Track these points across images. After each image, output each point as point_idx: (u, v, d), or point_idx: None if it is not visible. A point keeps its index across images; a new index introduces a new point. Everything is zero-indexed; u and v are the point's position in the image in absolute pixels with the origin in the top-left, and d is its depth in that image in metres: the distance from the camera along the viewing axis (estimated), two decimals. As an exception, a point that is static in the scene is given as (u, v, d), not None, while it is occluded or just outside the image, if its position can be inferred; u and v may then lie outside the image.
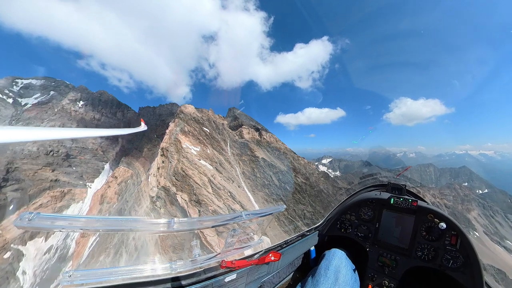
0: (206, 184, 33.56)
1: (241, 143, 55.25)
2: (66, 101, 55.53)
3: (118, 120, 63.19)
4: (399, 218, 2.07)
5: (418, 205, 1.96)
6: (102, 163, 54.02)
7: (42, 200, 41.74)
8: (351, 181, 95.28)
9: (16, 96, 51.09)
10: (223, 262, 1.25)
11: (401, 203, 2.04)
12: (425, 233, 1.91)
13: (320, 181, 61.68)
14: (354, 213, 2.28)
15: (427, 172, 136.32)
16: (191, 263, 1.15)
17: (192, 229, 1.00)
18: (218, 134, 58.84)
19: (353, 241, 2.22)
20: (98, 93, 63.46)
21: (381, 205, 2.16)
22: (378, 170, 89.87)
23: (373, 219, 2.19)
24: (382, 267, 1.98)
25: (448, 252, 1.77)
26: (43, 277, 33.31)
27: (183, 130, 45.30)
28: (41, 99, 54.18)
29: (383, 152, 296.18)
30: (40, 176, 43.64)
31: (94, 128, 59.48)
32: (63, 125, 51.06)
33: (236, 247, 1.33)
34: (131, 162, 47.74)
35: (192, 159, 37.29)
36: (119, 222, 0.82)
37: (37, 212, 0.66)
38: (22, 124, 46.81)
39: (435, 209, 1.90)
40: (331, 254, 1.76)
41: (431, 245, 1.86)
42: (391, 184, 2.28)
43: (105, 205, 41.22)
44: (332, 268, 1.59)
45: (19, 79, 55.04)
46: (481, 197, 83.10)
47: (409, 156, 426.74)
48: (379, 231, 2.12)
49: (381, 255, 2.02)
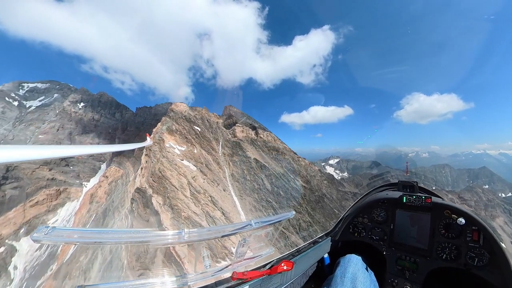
0: (184, 187, 31.92)
1: (233, 142, 53.23)
2: (67, 102, 57.85)
3: (116, 121, 64.66)
4: (414, 217, 1.99)
5: (432, 202, 1.89)
6: (99, 163, 55.33)
7: (38, 198, 43.47)
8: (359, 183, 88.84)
9: (21, 99, 54.32)
10: (235, 274, 1.18)
11: (414, 201, 1.97)
12: (444, 231, 1.82)
13: (323, 185, 56.90)
14: (366, 216, 2.22)
15: (442, 173, 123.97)
16: (201, 276, 1.12)
17: (203, 240, 1.00)
18: (210, 133, 57.50)
19: (368, 245, 2.15)
20: (98, 95, 65.56)
21: (394, 204, 2.10)
22: (387, 170, 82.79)
23: (386, 220, 2.13)
24: (402, 270, 1.88)
25: (472, 249, 1.68)
26: (31, 273, 34.36)
27: (170, 129, 44.40)
28: (44, 101, 57.10)
29: (394, 152, 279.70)
30: (38, 175, 45.53)
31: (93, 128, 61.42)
32: (62, 126, 52.91)
33: (247, 257, 1.30)
34: (123, 161, 47.98)
35: (173, 159, 35.98)
36: (131, 235, 0.85)
37: (53, 227, 0.69)
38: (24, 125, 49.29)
39: (451, 204, 1.82)
40: (346, 261, 1.68)
41: (452, 243, 1.77)
42: (402, 182, 2.22)
43: (94, 204, 41.72)
44: (348, 276, 1.51)
45: (25, 83, 58.69)
46: (506, 202, 72.76)
47: (421, 156, 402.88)
48: (395, 232, 2.04)
49: (400, 258, 1.94)
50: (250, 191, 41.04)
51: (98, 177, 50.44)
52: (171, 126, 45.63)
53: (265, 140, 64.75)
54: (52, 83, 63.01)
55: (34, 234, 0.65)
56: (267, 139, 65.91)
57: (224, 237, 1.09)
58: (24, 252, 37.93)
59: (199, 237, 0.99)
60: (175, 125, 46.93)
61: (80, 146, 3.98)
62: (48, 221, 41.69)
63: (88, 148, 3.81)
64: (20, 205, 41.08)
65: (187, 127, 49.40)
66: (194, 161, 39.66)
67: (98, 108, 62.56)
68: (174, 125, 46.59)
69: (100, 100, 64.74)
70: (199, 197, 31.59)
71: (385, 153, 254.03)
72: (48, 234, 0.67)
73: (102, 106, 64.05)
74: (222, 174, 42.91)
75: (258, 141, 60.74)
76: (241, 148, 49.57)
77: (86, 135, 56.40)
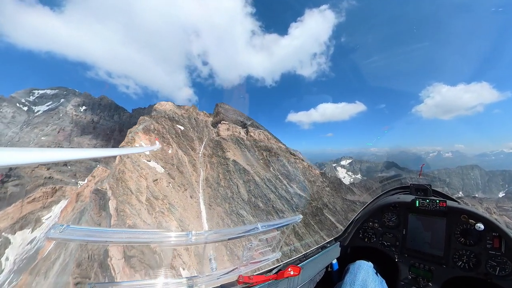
0: (142, 191, 30.13)
1: (216, 141, 50.60)
2: (69, 106, 62.24)
3: (114, 122, 67.56)
4: (428, 221, 1.91)
5: (447, 206, 1.80)
6: (95, 163, 58.17)
7: (35, 195, 47.07)
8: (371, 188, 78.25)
9: (30, 105, 60.31)
10: (240, 277, 1.20)
11: (427, 205, 1.88)
12: (461, 237, 1.73)
13: (324, 193, 48.61)
14: (377, 220, 2.15)
15: (470, 175, 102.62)
16: (207, 278, 1.15)
17: (209, 242, 1.02)
18: (195, 132, 55.91)
19: (379, 251, 2.08)
20: (99, 98, 69.48)
21: (406, 209, 2.03)
22: (399, 172, 70.80)
23: (398, 225, 2.05)
24: (416, 279, 1.79)
25: (492, 257, 1.59)
26: (19, 266, 36.97)
27: (146, 128, 43.71)
28: (51, 106, 62.51)
29: (413, 151, 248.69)
30: (37, 173, 49.40)
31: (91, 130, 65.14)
32: (63, 129, 56.67)
33: (253, 261, 1.31)
34: (110, 161, 49.08)
35: (138, 159, 34.65)
36: (140, 235, 0.88)
37: (67, 225, 0.73)
38: (30, 128, 54.01)
39: (468, 209, 1.73)
40: (355, 267, 1.62)
41: (470, 250, 1.68)
42: (414, 185, 2.12)
43: (78, 203, 43.30)
44: (358, 283, 1.45)
45: (36, 90, 65.05)
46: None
47: (444, 156, 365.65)
48: (407, 238, 1.96)
49: (413, 266, 1.85)
50: (221, 199, 36.26)
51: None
52: (149, 125, 44.88)
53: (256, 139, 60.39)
54: (60, 89, 68.96)
55: (51, 231, 0.69)
56: (258, 137, 61.52)
57: (230, 240, 1.10)
58: (17, 244, 41.32)
59: (205, 240, 1.00)
60: (154, 124, 46.14)
61: (88, 149, 3.76)
62: (42, 217, 45.02)
63: (97, 151, 2.56)
64: (19, 201, 45.11)
65: (167, 126, 48.37)
66: (164, 163, 37.88)
67: (97, 110, 66.11)
68: (152, 124, 45.81)
69: (101, 103, 68.42)
70: (155, 203, 29.29)
71: (402, 153, 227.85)
72: (62, 232, 0.71)
73: (102, 109, 67.55)
74: (195, 177, 40.28)
75: (246, 140, 56.86)
76: (221, 148, 46.44)
77: (85, 136, 59.53)
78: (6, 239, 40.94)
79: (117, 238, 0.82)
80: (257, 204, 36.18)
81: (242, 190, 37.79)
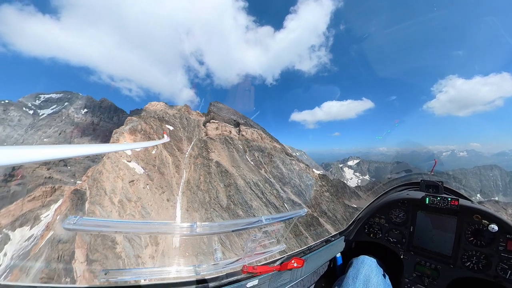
0: (116, 192, 29.79)
1: (204, 141, 49.63)
2: (71, 109, 65.15)
3: (113, 124, 69.58)
4: (438, 220, 1.88)
5: (459, 204, 1.76)
6: (93, 163, 60.19)
7: (35, 194, 49.52)
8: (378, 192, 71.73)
9: (36, 108, 64.11)
10: (245, 267, 1.27)
11: (438, 203, 1.84)
12: (472, 237, 1.70)
13: (323, 198, 44.73)
14: (383, 216, 2.14)
15: (490, 176, 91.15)
16: (213, 267, 1.22)
17: (213, 233, 1.07)
18: (185, 132, 55.46)
19: (384, 247, 2.08)
20: (100, 101, 72.07)
21: (415, 205, 1.99)
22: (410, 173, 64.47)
23: (406, 221, 2.03)
24: (421, 277, 1.79)
25: (504, 260, 1.55)
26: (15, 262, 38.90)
27: (133, 129, 43.85)
28: (55, 109, 66.00)
29: (425, 151, 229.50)
30: (37, 173, 52.03)
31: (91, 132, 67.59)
32: (64, 130, 59.22)
33: (257, 252, 1.36)
34: (103, 162, 50.07)
35: (118, 160, 34.55)
36: (148, 226, 0.92)
37: (80, 217, 0.79)
38: (34, 131, 57.10)
39: (482, 208, 1.69)
40: (359, 262, 1.64)
41: (481, 251, 1.65)
42: (425, 181, 2.08)
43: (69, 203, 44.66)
44: (361, 278, 1.47)
45: (42, 94, 69.28)
46: None
47: (459, 155, 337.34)
48: (415, 235, 1.95)
49: (419, 263, 1.85)
50: (199, 204, 33.97)
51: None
52: (136, 126, 44.99)
53: (248, 138, 58.53)
54: (65, 93, 72.77)
55: (66, 222, 0.75)
56: (251, 137, 59.64)
57: (234, 231, 1.13)
58: (16, 241, 43.70)
59: (210, 230, 1.04)
60: (142, 125, 46.21)
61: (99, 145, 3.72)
62: (41, 215, 47.29)
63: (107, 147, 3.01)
64: (20, 199, 47.82)
65: (155, 126, 48.26)
66: (145, 163, 37.46)
67: (98, 113, 68.52)
68: (140, 125, 45.88)
69: (101, 105, 70.91)
70: (127, 205, 28.74)
71: (414, 152, 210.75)
72: (76, 223, 0.76)
73: (102, 111, 69.93)
74: (177, 179, 39.33)
75: (237, 140, 55.21)
76: (206, 149, 45.29)
77: (85, 137, 61.73)
78: (6, 235, 43.42)
79: (126, 229, 0.85)
80: (236, 211, 33.09)
81: (221, 195, 35.15)
